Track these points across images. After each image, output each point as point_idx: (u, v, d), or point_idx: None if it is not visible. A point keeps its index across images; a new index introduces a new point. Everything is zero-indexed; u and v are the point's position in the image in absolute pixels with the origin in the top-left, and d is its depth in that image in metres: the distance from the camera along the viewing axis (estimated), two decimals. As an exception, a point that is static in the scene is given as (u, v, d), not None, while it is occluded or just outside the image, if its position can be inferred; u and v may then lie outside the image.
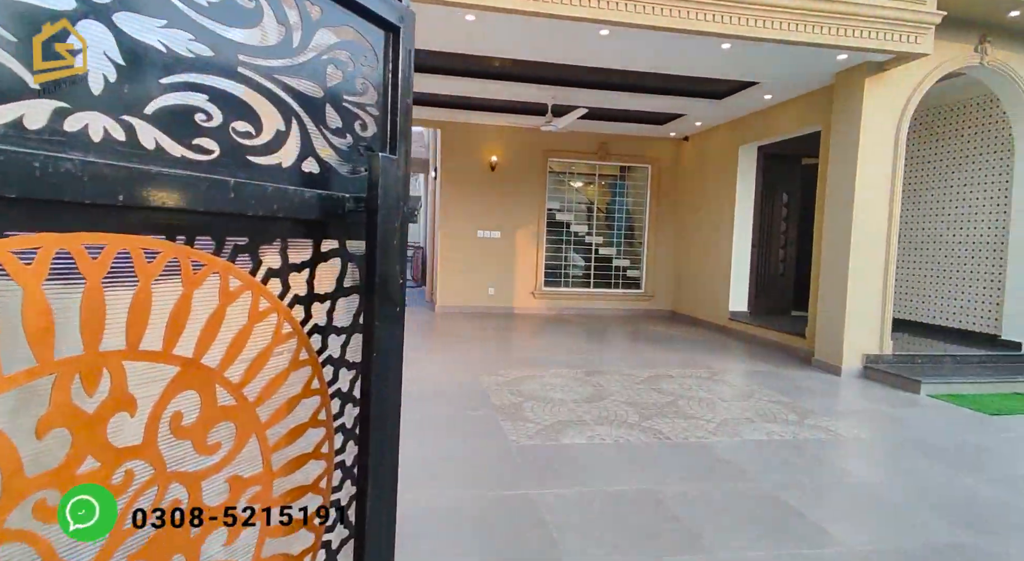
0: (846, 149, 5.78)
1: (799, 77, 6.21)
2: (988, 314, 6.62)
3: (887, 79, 5.58)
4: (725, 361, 6.37)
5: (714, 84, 6.84)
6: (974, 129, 6.87)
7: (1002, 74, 5.80)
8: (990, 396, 5.13)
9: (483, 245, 9.34)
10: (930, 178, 7.43)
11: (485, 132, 9.13)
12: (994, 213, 6.60)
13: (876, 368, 5.64)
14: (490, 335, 7.50)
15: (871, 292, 5.73)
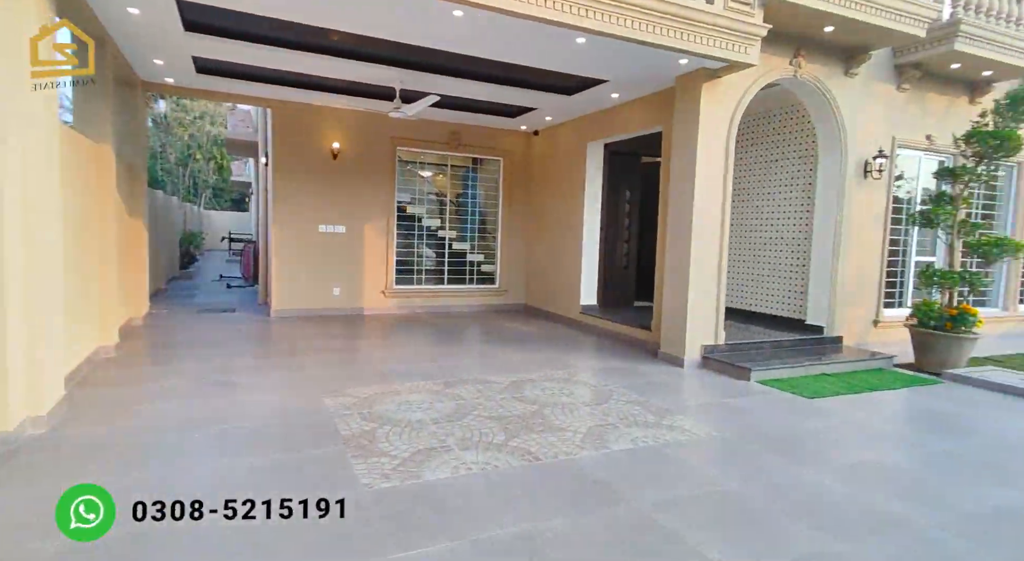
0: (686, 150, 6.05)
1: (645, 78, 6.36)
2: (796, 302, 7.50)
3: (720, 85, 5.92)
4: (581, 359, 6.39)
5: (566, 79, 6.77)
6: (785, 135, 7.70)
7: (811, 86, 6.49)
8: (804, 379, 5.74)
9: (326, 241, 8.41)
10: (751, 179, 8.22)
11: (325, 115, 8.18)
12: (800, 211, 7.47)
13: (713, 358, 6.03)
14: (336, 343, 6.72)
15: (708, 286, 6.10)
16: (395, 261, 8.96)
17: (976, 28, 6.63)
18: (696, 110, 5.91)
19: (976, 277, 6.13)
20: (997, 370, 6.20)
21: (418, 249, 9.27)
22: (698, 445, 3.84)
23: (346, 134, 8.38)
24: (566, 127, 8.80)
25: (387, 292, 8.86)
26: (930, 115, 7.61)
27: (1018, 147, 5.89)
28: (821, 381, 5.68)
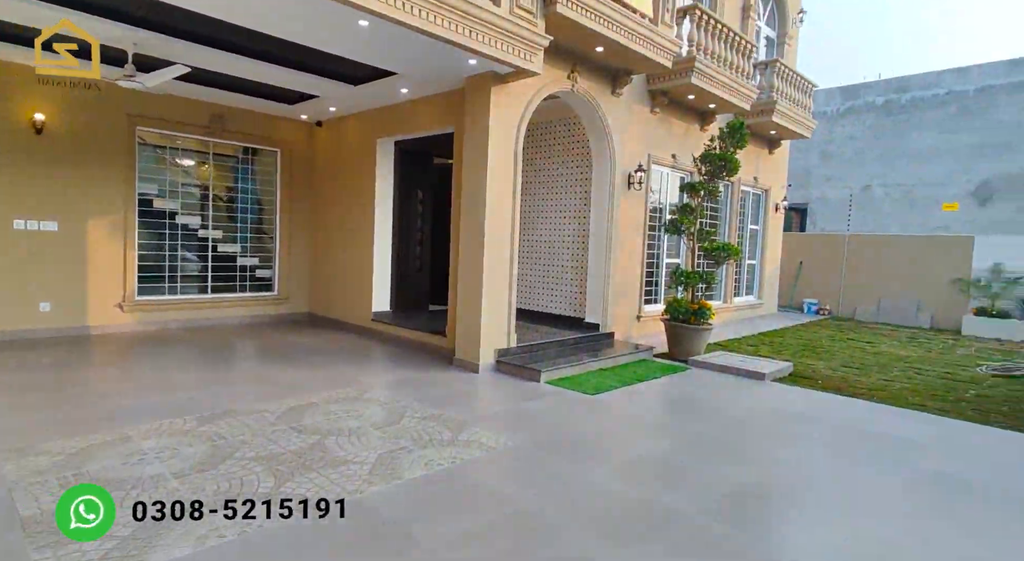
0: (477, 152, 5.99)
1: (435, 75, 6.13)
2: (576, 301, 8.07)
3: (508, 91, 5.98)
4: (373, 372, 5.90)
5: (351, 67, 6.19)
6: (565, 145, 8.22)
7: (585, 101, 6.97)
8: (587, 375, 6.13)
9: (27, 241, 6.41)
10: (537, 185, 8.61)
11: (22, 76, 6.20)
12: (579, 217, 8.04)
13: (506, 361, 6.08)
14: (39, 378, 5.10)
15: (501, 289, 6.13)
16: (137, 266, 7.28)
17: (706, 67, 7.88)
18: (486, 113, 5.88)
19: (711, 276, 7.27)
20: (724, 354, 7.44)
21: (171, 252, 7.69)
22: (494, 461, 3.70)
23: (56, 104, 6.49)
24: (354, 120, 8.15)
25: (126, 305, 7.14)
26: (674, 137, 8.86)
27: (737, 168, 7.14)
28: (601, 376, 6.12)
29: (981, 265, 11.27)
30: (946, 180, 17.04)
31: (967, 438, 4.61)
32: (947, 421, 5.05)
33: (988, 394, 6.08)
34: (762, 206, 11.88)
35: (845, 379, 6.53)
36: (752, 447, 4.25)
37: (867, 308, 12.60)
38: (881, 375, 6.85)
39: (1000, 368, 7.33)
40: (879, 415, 5.17)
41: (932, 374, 7.04)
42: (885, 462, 3.98)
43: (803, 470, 3.82)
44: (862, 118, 18.78)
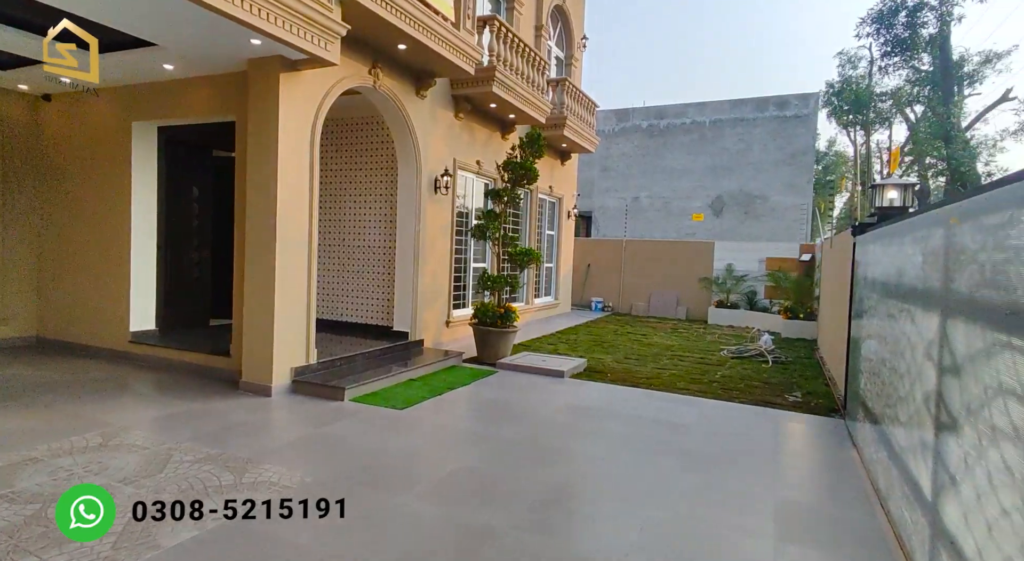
0: (266, 146, 5.28)
1: (209, 53, 5.22)
2: (384, 309, 7.70)
3: (301, 81, 5.39)
4: (129, 408, 4.80)
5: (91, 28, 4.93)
6: (370, 145, 7.78)
7: (389, 100, 6.66)
8: (395, 388, 5.83)
9: None
10: (341, 186, 7.99)
11: None
12: (385, 221, 7.68)
13: (304, 380, 5.48)
14: None
15: (297, 300, 5.51)
16: None
17: (505, 78, 8.16)
18: (275, 103, 5.21)
19: (515, 280, 7.54)
20: (529, 354, 7.80)
21: None
22: (292, 504, 3.22)
23: None
24: (100, 97, 6.58)
25: None
26: (478, 143, 9.03)
27: (536, 176, 7.52)
28: (411, 388, 5.88)
29: (719, 266, 13.76)
30: (692, 194, 20.50)
31: (720, 415, 5.47)
32: (705, 402, 5.93)
33: (729, 374, 7.34)
34: (557, 213, 12.84)
35: (628, 371, 7.31)
36: (557, 447, 4.43)
37: (640, 304, 14.48)
38: (655, 364, 7.84)
39: (735, 351, 8.94)
40: (657, 402, 5.87)
41: (691, 360, 8.28)
42: (663, 447, 4.48)
43: (602, 465, 4.09)
44: (631, 138, 21.59)
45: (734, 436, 4.84)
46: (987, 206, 1.98)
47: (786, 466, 4.18)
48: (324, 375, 5.68)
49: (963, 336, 2.14)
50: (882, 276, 4.07)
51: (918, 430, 2.70)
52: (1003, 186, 1.83)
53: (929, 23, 18.06)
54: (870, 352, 4.31)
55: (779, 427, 5.16)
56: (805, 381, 7.10)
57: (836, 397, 6.17)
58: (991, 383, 1.81)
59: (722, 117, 20.08)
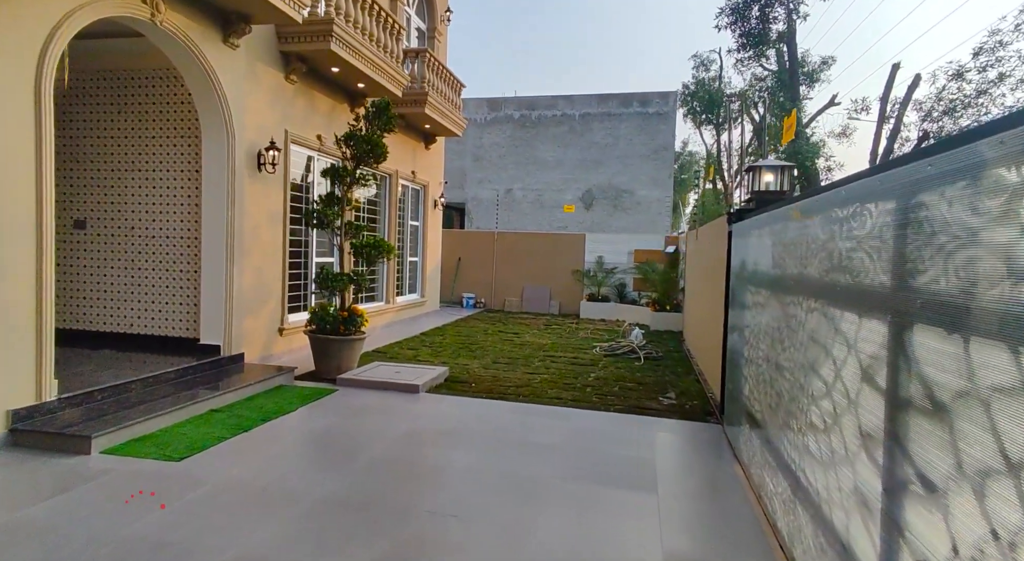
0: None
1: None
2: (188, 317, 6.02)
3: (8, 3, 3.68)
4: None
5: None
6: (161, 107, 6.01)
7: (180, 45, 5.03)
8: (182, 426, 4.33)
9: None
10: (124, 159, 6.11)
11: None
12: (188, 205, 5.99)
13: (31, 428, 3.80)
14: None
15: (17, 309, 3.80)
16: None
17: (348, 35, 6.81)
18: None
19: (363, 278, 6.27)
20: (380, 365, 6.59)
21: None
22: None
23: None
24: None
25: None
26: (319, 115, 7.57)
27: (384, 153, 6.29)
28: (207, 424, 4.42)
29: (590, 258, 13.50)
30: (564, 187, 20.39)
31: (593, 428, 4.73)
32: (577, 414, 5.19)
33: (603, 376, 6.75)
34: (422, 202, 11.65)
35: (496, 378, 6.41)
36: (401, 498, 3.34)
37: (513, 299, 13.80)
38: (526, 368, 7.04)
39: (608, 348, 8.48)
40: (524, 416, 5.00)
41: (563, 360, 7.62)
42: (525, 484, 3.58)
43: (448, 524, 3.07)
44: (503, 128, 20.96)
45: (608, 459, 4.09)
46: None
47: (666, 496, 3.48)
48: (69, 415, 4.03)
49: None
50: (768, 267, 3.51)
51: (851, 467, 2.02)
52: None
53: (780, 18, 19.50)
54: (756, 353, 3.76)
55: (656, 440, 4.52)
56: (678, 378, 6.71)
57: (709, 397, 5.77)
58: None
59: (591, 111, 20.16)
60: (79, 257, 6.20)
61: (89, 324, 6.19)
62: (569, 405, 5.44)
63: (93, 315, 6.16)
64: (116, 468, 3.52)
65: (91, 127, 6.11)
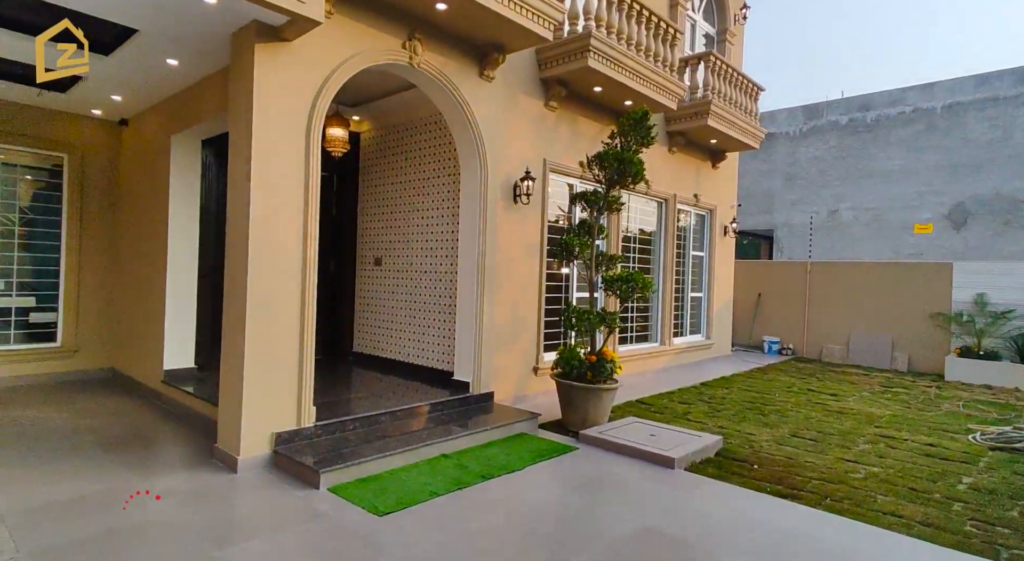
0: (241, 139, 4.09)
1: (185, 29, 4.24)
2: (446, 350, 6.10)
3: (289, 55, 4.12)
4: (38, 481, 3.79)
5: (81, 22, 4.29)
6: (431, 150, 6.38)
7: (436, 82, 5.15)
8: (408, 470, 4.10)
9: None
10: (405, 202, 6.72)
11: None
12: (448, 240, 6.14)
13: (288, 452, 4.04)
14: None
15: (280, 339, 4.14)
16: None
17: (609, 49, 6.16)
18: (249, 81, 4.00)
19: (612, 317, 5.35)
20: (636, 421, 5.47)
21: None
22: None
23: None
24: (152, 113, 6.23)
25: None
26: (584, 139, 7.09)
27: (639, 172, 5.32)
28: (430, 471, 4.10)
29: (962, 296, 9.58)
30: (917, 202, 15.61)
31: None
32: (937, 557, 3.11)
33: (988, 486, 4.20)
34: (708, 229, 10.14)
35: (792, 463, 4.60)
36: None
37: (835, 347, 10.80)
38: (842, 452, 4.94)
39: (998, 436, 5.48)
40: (832, 545, 3.22)
41: (911, 447, 5.15)
42: None
43: None
44: (825, 138, 17.45)
45: None
46: None
47: None
48: (315, 446, 4.20)
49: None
50: None
51: None
52: None
53: None
54: None
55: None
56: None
57: None
58: None
59: (962, 99, 15.05)
60: (377, 291, 6.99)
61: (381, 351, 6.87)
62: (918, 534, 3.37)
63: (384, 343, 6.82)
64: (328, 513, 3.37)
65: (387, 174, 6.90)
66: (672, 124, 8.64)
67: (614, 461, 4.52)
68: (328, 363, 6.97)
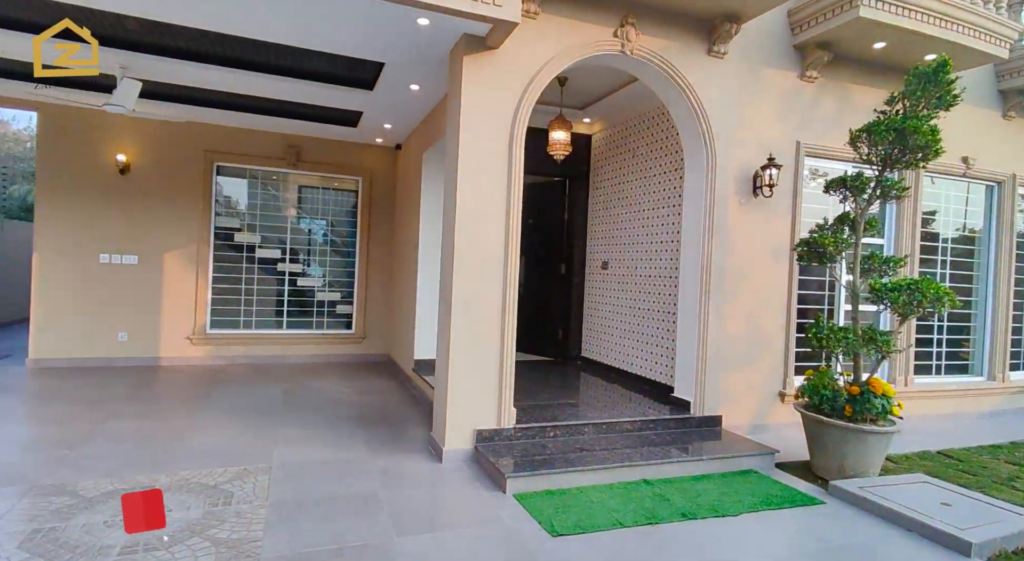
0: (451, 146, 4.34)
1: (420, 56, 4.73)
2: (666, 363, 5.51)
3: (494, 62, 4.21)
4: (311, 443, 4.56)
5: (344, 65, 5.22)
6: (655, 144, 5.88)
7: (654, 67, 4.69)
8: (600, 490, 3.76)
9: (110, 274, 6.98)
10: (624, 201, 6.38)
11: (108, 121, 6.83)
12: (670, 241, 5.56)
13: (487, 450, 4.12)
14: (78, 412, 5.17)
15: (481, 339, 4.24)
16: (210, 300, 7.44)
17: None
18: (458, 93, 4.23)
19: (885, 338, 4.04)
20: (927, 482, 4.03)
21: (247, 285, 7.73)
22: None
23: (139, 144, 7.03)
24: (414, 136, 7.22)
25: (195, 338, 7.30)
26: (856, 112, 5.61)
27: (931, 145, 3.88)
28: (623, 496, 3.69)
29: None
30: None
31: None
32: None
33: None
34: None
35: None
36: None
37: None
38: None
39: None
40: None
41: None
42: None
43: None
44: None
45: None
46: None
47: None
48: (517, 448, 4.19)
49: None
50: None
51: None
52: None
53: None
54: None
55: None
56: None
57: None
58: None
59: None
60: (602, 295, 6.78)
61: (605, 357, 6.64)
62: None
63: (608, 349, 6.57)
64: (503, 520, 3.29)
65: (613, 174, 6.63)
66: (1005, 80, 6.28)
67: (876, 531, 3.38)
68: (556, 366, 7.04)
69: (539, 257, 7.77)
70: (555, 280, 7.51)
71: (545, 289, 7.63)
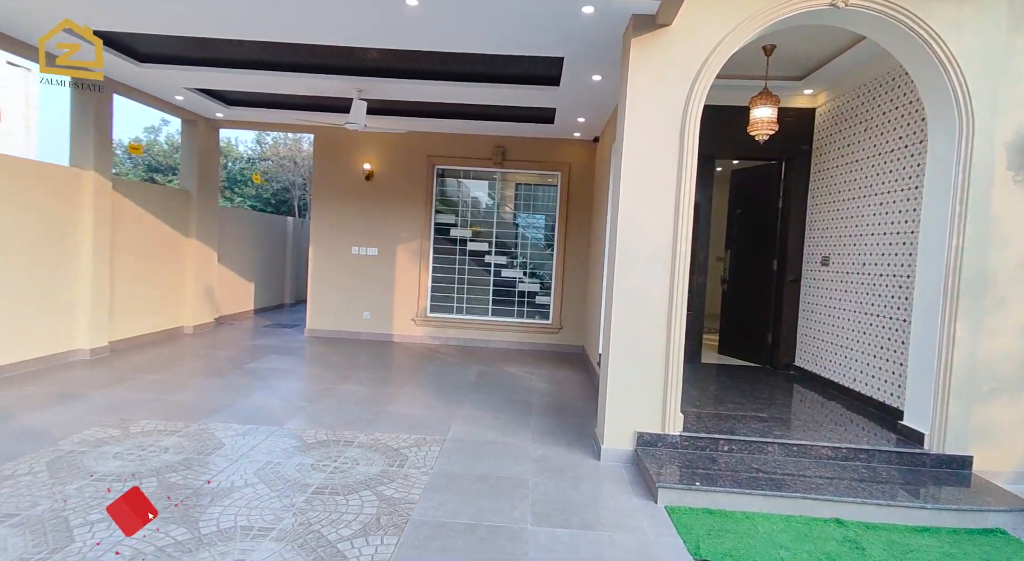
0: (618, 137, 4.17)
1: (596, 47, 4.65)
2: (894, 382, 4.45)
3: (664, 42, 3.91)
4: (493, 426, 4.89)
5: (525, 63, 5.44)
6: (888, 115, 4.75)
7: (882, 18, 3.80)
8: (773, 520, 3.25)
9: (358, 263, 8.50)
10: (856, 185, 5.32)
11: (359, 138, 8.31)
12: (906, 232, 4.45)
13: (648, 454, 3.91)
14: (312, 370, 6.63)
15: (645, 338, 4.01)
16: (430, 287, 8.52)
17: None
18: (625, 78, 4.04)
19: None
20: None
21: (460, 275, 8.63)
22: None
23: (380, 155, 8.37)
24: (608, 127, 7.13)
25: (418, 320, 8.45)
26: None
27: None
28: (800, 533, 3.14)
29: None
30: None
31: None
32: None
33: None
34: None
35: None
36: None
37: None
38: None
39: None
40: None
41: None
42: None
43: None
44: None
45: None
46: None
47: None
48: (679, 457, 3.88)
49: None
50: None
51: None
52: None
53: None
54: None
55: None
56: None
57: None
58: None
59: None
60: (822, 295, 5.80)
61: (822, 368, 5.68)
62: None
63: (826, 359, 5.61)
64: (645, 530, 3.09)
65: (838, 154, 5.57)
66: None
67: None
68: (761, 374, 6.27)
69: (748, 251, 6.98)
70: (765, 277, 6.66)
71: (753, 287, 6.83)
